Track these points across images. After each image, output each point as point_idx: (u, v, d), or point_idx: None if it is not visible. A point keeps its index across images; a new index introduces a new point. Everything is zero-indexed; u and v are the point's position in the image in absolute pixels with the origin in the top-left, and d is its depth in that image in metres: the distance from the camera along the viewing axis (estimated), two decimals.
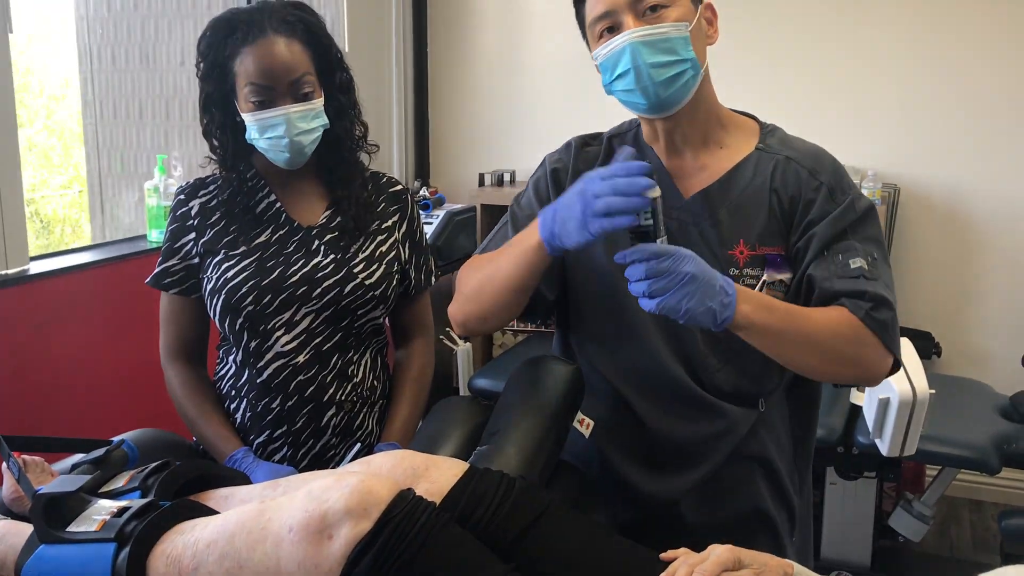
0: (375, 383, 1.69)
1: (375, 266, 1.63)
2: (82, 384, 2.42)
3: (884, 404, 2.36)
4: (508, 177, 3.78)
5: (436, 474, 1.15)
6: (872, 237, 1.35)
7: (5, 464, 1.33)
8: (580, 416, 1.47)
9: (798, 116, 2.12)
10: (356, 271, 1.61)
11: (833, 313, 1.29)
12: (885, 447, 2.40)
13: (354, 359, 1.65)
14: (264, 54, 1.52)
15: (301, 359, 1.59)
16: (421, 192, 3.75)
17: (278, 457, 1.62)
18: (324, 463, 1.63)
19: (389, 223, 1.69)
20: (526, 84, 3.92)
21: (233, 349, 1.64)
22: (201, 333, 1.68)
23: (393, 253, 1.67)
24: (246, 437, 1.63)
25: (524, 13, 3.89)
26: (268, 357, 1.59)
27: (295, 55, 1.54)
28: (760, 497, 1.47)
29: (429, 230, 3.37)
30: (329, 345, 1.61)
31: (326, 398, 1.61)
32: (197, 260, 1.63)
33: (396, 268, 1.67)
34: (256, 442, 1.62)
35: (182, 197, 1.66)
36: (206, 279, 1.61)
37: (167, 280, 1.64)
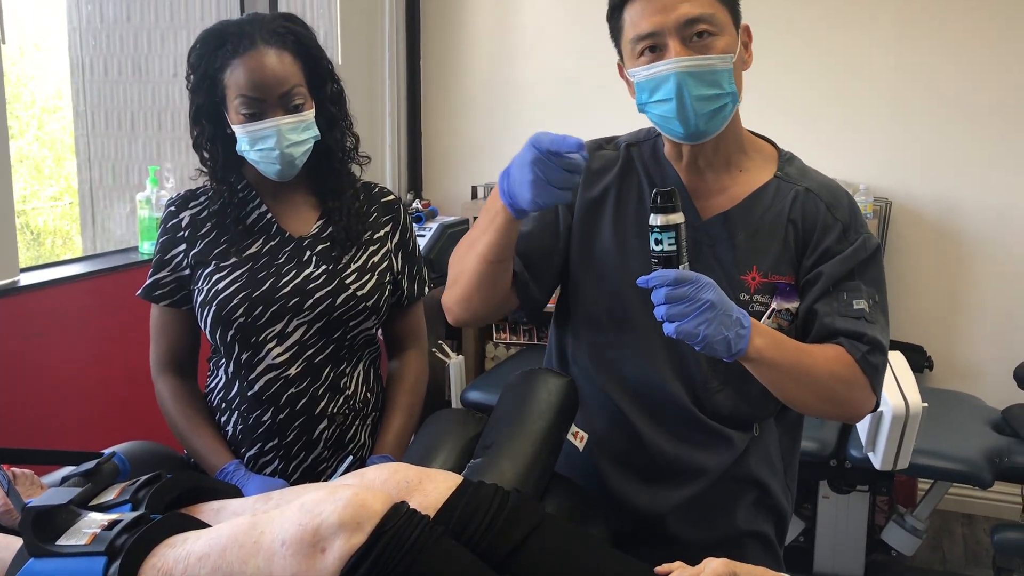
0: (368, 395, 1.68)
1: (367, 277, 1.63)
2: (72, 396, 2.41)
3: (877, 418, 2.36)
4: None
5: (430, 487, 1.15)
6: (876, 279, 1.37)
7: None
8: (574, 429, 1.46)
9: (791, 130, 2.12)
10: (348, 282, 1.60)
11: (831, 353, 1.31)
12: (878, 461, 2.40)
13: (346, 371, 1.64)
14: (254, 66, 1.51)
15: (293, 371, 1.58)
16: (414, 204, 3.75)
17: (269, 470, 1.61)
18: (316, 476, 1.62)
19: (381, 233, 1.69)
20: (519, 97, 3.92)
21: (224, 361, 1.63)
22: (192, 345, 1.67)
23: (385, 263, 1.67)
24: (237, 450, 1.62)
25: (516, 27, 3.90)
26: (259, 369, 1.58)
27: (285, 67, 1.53)
28: (751, 515, 1.48)
29: (422, 242, 3.37)
30: (321, 357, 1.60)
31: (318, 410, 1.60)
32: (188, 272, 1.62)
33: (388, 278, 1.66)
34: (247, 455, 1.61)
35: (172, 209, 1.65)
36: (197, 291, 1.60)
37: (157, 292, 1.63)
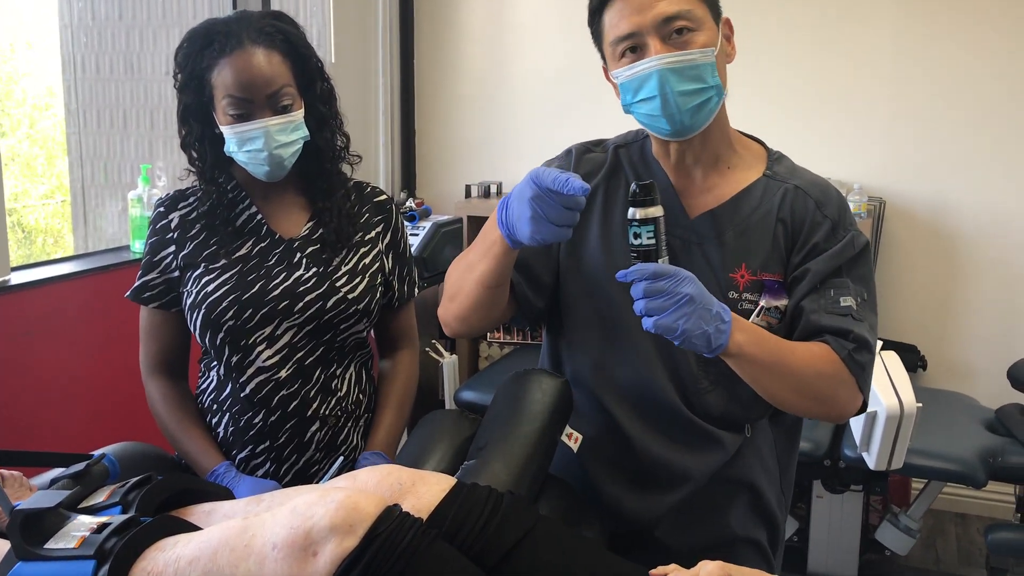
0: (360, 397, 1.67)
1: (358, 279, 1.62)
2: (62, 396, 2.40)
3: (871, 417, 2.36)
4: (494, 189, 3.78)
5: (423, 489, 1.14)
6: (864, 277, 1.36)
7: None
8: (568, 430, 1.45)
9: (785, 130, 2.12)
10: (339, 285, 1.59)
11: (816, 350, 1.30)
12: (872, 460, 2.40)
13: (337, 373, 1.63)
14: (242, 66, 1.49)
15: (283, 374, 1.57)
16: (407, 203, 3.74)
17: (261, 472, 1.60)
18: (307, 478, 1.61)
19: (372, 234, 1.67)
20: (512, 96, 3.92)
21: (215, 363, 1.62)
22: (182, 347, 1.66)
23: (377, 265, 1.66)
24: (228, 452, 1.61)
25: (510, 25, 3.89)
26: (250, 372, 1.57)
27: (274, 66, 1.51)
28: (744, 519, 1.47)
29: (415, 241, 3.37)
30: (312, 359, 1.59)
31: (309, 413, 1.59)
32: (177, 274, 1.60)
33: (380, 280, 1.65)
34: (239, 457, 1.60)
35: (161, 210, 1.64)
36: (186, 293, 1.59)
37: (147, 294, 1.62)
